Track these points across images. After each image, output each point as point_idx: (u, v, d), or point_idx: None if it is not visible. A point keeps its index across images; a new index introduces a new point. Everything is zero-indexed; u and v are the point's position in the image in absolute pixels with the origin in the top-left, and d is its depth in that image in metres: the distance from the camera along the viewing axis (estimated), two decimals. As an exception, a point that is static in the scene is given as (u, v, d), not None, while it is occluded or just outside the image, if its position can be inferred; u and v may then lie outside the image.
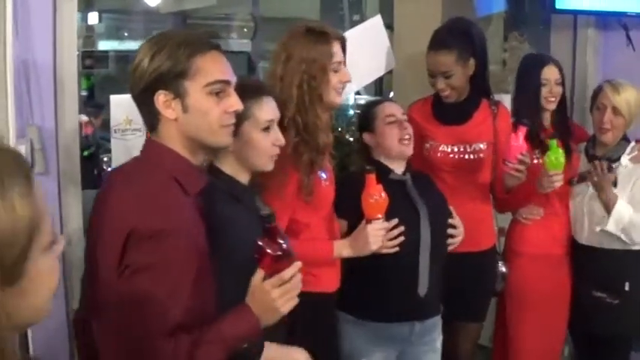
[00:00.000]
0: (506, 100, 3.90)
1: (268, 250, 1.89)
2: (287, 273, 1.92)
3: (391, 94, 11.89)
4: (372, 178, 2.76)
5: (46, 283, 1.19)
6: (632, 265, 3.61)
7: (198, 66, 1.91)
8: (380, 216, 2.75)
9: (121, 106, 2.81)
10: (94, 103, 9.23)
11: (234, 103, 1.99)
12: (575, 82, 4.40)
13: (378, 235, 2.76)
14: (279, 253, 1.90)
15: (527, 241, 3.68)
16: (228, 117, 1.98)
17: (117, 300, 1.81)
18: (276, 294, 1.91)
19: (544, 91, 3.56)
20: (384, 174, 2.98)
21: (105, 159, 7.91)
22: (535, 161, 3.53)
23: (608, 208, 3.45)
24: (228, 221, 2.17)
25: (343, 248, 2.80)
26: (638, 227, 3.47)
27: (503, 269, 3.71)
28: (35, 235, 1.12)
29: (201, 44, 1.95)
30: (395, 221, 2.82)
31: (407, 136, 3.08)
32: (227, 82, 1.97)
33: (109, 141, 7.84)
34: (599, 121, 3.54)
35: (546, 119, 3.65)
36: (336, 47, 2.81)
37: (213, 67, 1.95)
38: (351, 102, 8.58)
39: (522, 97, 3.63)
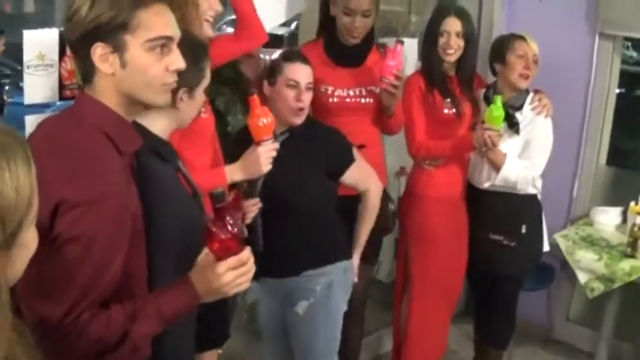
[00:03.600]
0: (412, 44, 3.95)
1: (219, 234, 1.78)
2: (244, 255, 1.84)
3: (293, 25, 11.69)
4: (255, 100, 2.73)
5: (28, 253, 1.32)
6: (528, 209, 3.80)
7: (141, 19, 1.75)
8: (268, 137, 2.73)
9: (34, 40, 2.78)
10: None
11: (176, 60, 1.84)
12: (481, 29, 4.51)
13: (269, 155, 2.73)
14: (230, 235, 1.79)
15: (429, 184, 3.78)
16: (169, 75, 1.83)
17: (44, 272, 1.68)
18: (229, 278, 1.83)
19: (441, 41, 3.59)
20: None
21: (6, 87, 7.66)
22: (446, 111, 3.66)
23: (496, 167, 3.61)
24: (162, 182, 2.05)
25: (235, 172, 2.77)
26: (523, 180, 3.64)
27: (392, 207, 3.81)
28: (29, 209, 1.24)
29: None
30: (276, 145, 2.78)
31: (300, 107, 3.01)
32: (170, 38, 1.82)
33: (7, 67, 7.66)
34: (522, 67, 3.62)
35: (450, 69, 3.70)
36: None
37: (157, 22, 1.79)
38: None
39: (425, 45, 3.69)
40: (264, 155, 2.73)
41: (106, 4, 1.74)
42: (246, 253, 1.85)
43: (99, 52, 1.76)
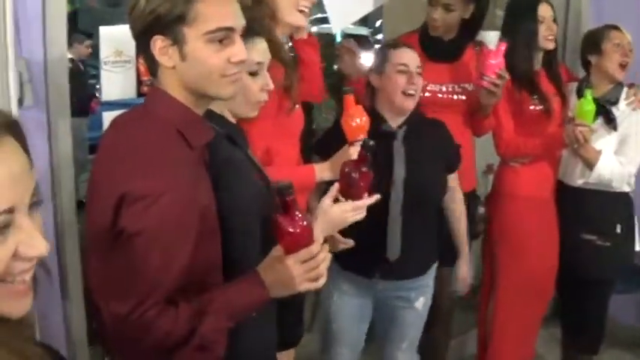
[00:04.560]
0: (496, 36, 3.85)
1: (288, 227, 1.75)
2: (315, 248, 1.80)
3: (379, 22, 11.56)
4: (350, 99, 2.68)
5: None
6: (622, 207, 3.68)
7: (199, 11, 1.72)
8: (362, 137, 2.64)
9: (111, 37, 2.79)
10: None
11: (239, 52, 1.79)
12: (569, 21, 4.38)
13: None
14: (298, 230, 1.76)
15: (517, 182, 3.70)
16: (231, 66, 1.79)
17: (111, 266, 1.72)
18: (298, 271, 1.79)
19: (542, 29, 3.51)
20: (376, 124, 2.89)
21: (97, 86, 7.83)
22: (531, 107, 3.56)
23: (589, 165, 3.49)
24: (232, 165, 2.00)
25: (324, 171, 2.71)
26: (618, 177, 3.52)
27: (481, 211, 3.79)
28: None
29: None
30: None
31: (412, 91, 2.96)
32: (231, 29, 1.77)
33: (95, 67, 7.83)
34: (620, 57, 3.53)
35: (537, 62, 3.61)
36: None
37: (216, 12, 1.75)
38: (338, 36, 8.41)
39: (517, 37, 3.52)
40: (356, 155, 2.64)
41: None
42: (317, 246, 1.81)
43: (158, 44, 1.76)
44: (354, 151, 2.62)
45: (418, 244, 3.05)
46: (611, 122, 3.53)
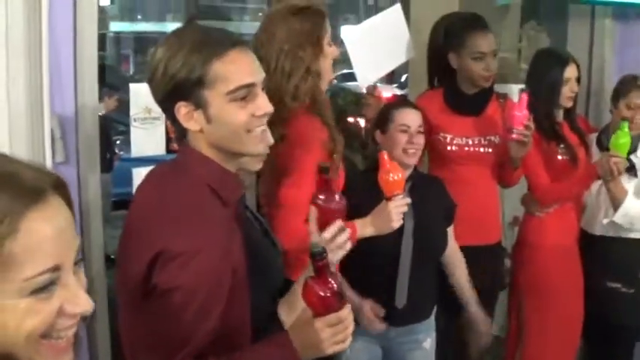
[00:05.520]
0: (518, 89, 3.87)
1: (319, 292, 1.74)
2: (344, 313, 1.77)
3: (404, 77, 11.65)
4: (384, 155, 2.71)
5: (12, 327, 1.06)
6: (646, 254, 3.64)
7: (217, 72, 1.72)
8: (399, 192, 2.67)
9: (140, 94, 2.82)
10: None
11: (262, 105, 1.78)
12: (592, 73, 4.38)
13: (400, 211, 2.67)
14: (329, 294, 1.74)
15: (541, 232, 3.67)
16: (256, 120, 1.78)
17: (143, 321, 1.71)
18: (326, 334, 1.75)
19: (565, 89, 3.53)
20: None
21: (117, 142, 7.88)
22: (559, 157, 3.56)
23: (615, 202, 3.49)
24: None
25: (365, 227, 2.68)
26: None
27: (508, 263, 3.78)
28: (6, 272, 1.04)
29: (217, 45, 1.74)
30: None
31: (412, 150, 3.04)
32: (252, 85, 1.76)
33: (121, 123, 7.91)
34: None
35: (559, 115, 3.62)
36: (327, 22, 2.72)
37: (234, 71, 1.74)
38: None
39: (540, 93, 3.52)
40: (395, 211, 2.66)
41: (179, 62, 1.72)
42: (346, 311, 1.79)
43: (182, 111, 1.76)
44: (392, 207, 2.64)
45: (425, 290, 3.11)
46: (631, 170, 3.54)
